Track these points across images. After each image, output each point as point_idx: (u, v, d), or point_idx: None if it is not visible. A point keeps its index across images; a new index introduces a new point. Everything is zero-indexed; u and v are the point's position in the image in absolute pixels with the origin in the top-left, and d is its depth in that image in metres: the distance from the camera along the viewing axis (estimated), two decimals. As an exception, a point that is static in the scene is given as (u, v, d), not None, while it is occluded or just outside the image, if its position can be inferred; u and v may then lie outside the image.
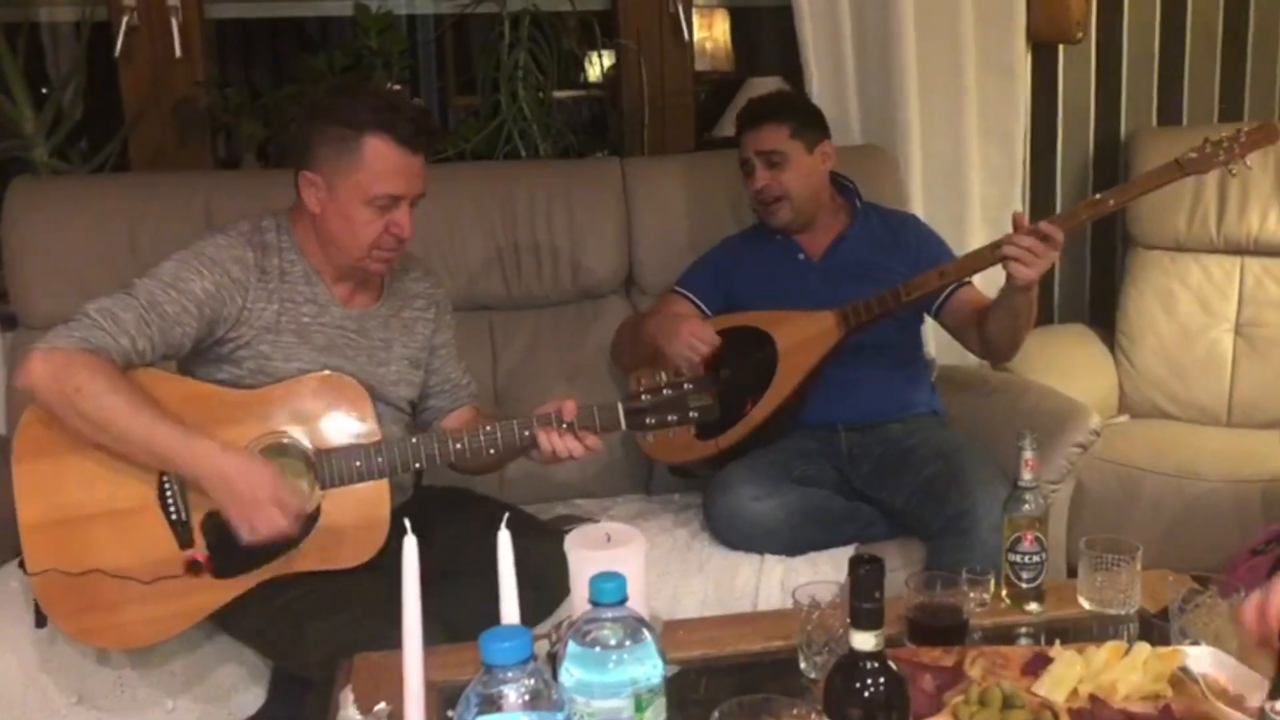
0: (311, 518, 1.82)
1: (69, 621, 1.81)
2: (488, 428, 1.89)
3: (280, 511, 1.74)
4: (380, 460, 1.85)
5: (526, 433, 1.88)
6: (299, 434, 1.85)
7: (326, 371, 1.89)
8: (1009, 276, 2.10)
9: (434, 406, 2.12)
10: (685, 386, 1.90)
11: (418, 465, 1.89)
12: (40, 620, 1.84)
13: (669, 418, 1.90)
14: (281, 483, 1.76)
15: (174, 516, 1.80)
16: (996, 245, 2.14)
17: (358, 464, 1.83)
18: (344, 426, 1.87)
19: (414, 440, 1.88)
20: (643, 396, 1.90)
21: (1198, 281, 3.00)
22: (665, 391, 1.90)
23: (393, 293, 2.06)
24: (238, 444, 1.81)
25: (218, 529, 1.79)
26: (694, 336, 2.23)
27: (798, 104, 2.54)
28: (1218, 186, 2.96)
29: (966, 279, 2.33)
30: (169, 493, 1.80)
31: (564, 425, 1.87)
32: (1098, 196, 2.17)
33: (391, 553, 1.79)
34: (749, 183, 2.43)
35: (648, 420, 1.90)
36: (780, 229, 2.45)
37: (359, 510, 1.84)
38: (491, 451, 1.90)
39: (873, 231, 2.48)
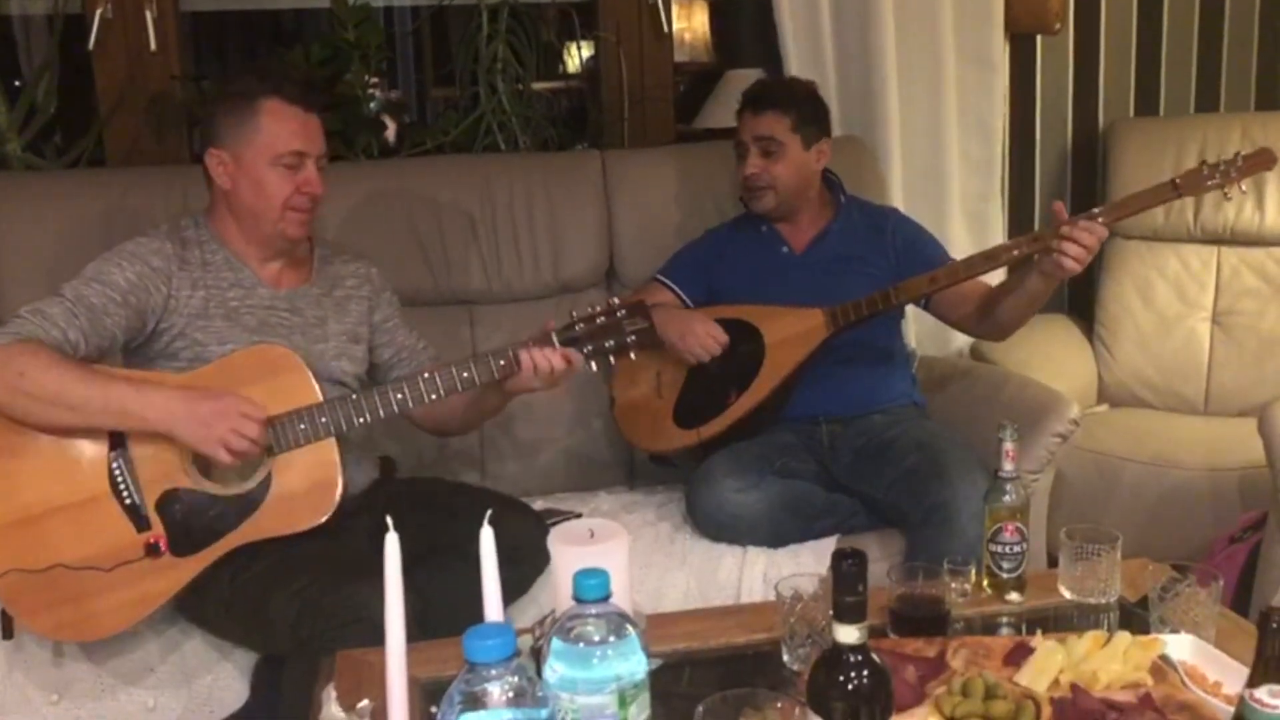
0: (265, 485, 1.84)
1: (36, 619, 1.81)
2: (425, 374, 1.88)
3: (248, 419, 1.75)
4: (324, 420, 1.85)
5: (465, 374, 1.87)
6: None
7: (255, 344, 1.91)
8: (1057, 268, 2.03)
9: (399, 376, 2.10)
10: (619, 313, 1.86)
11: (361, 420, 1.86)
12: (8, 632, 1.85)
13: (606, 344, 1.87)
14: (239, 398, 1.77)
15: (128, 501, 1.81)
16: (1036, 239, 2.10)
17: (302, 427, 1.84)
18: (282, 393, 1.86)
19: (354, 397, 1.87)
20: (577, 326, 1.88)
21: (1175, 271, 3.02)
22: (599, 319, 1.87)
23: (323, 275, 2.09)
24: None
25: (173, 508, 1.80)
26: (710, 336, 2.21)
27: (806, 96, 2.43)
28: (1194, 177, 2.98)
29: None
30: (120, 479, 1.81)
31: (513, 353, 1.86)
32: (1095, 211, 2.14)
33: (349, 526, 1.83)
34: (740, 166, 2.41)
35: (584, 349, 1.87)
36: (762, 214, 2.44)
37: (309, 473, 1.85)
38: (434, 397, 1.87)
39: (855, 226, 2.47)
